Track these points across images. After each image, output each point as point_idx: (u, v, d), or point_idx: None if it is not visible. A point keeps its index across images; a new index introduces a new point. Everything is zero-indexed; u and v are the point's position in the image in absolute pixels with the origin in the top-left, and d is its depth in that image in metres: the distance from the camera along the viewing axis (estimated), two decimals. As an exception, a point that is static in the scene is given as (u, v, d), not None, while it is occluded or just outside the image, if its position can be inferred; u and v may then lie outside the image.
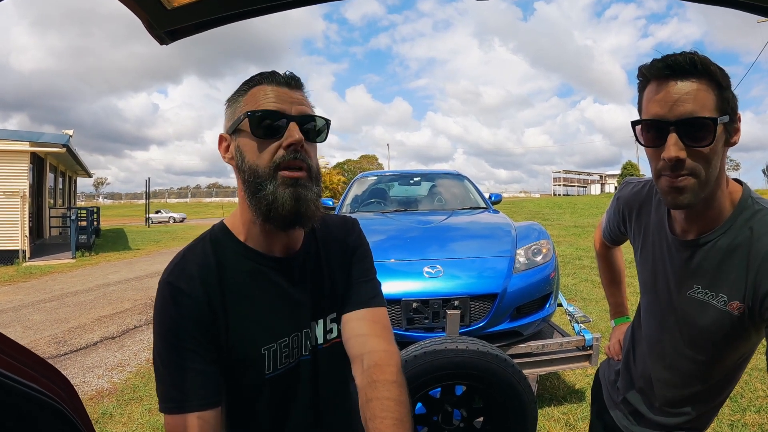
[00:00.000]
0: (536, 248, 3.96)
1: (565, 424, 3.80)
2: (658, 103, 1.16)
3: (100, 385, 4.85)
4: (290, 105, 1.11)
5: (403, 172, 7.02)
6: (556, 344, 3.67)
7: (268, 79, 1.13)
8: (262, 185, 1.08)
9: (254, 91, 1.12)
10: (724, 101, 1.14)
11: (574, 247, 13.79)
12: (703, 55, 1.14)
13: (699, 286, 1.31)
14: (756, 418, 3.78)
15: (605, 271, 2.00)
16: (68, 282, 10.99)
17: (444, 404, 2.37)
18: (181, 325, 1.06)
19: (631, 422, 1.64)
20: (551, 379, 4.61)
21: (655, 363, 1.52)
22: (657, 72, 1.16)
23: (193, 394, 1.03)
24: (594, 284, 9.01)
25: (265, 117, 1.09)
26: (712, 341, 1.33)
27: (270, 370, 1.14)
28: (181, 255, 1.15)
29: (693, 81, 1.13)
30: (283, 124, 1.09)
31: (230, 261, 1.14)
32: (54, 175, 21.32)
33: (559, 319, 5.32)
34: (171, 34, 1.39)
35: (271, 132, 1.09)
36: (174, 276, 1.10)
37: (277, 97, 1.10)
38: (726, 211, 1.25)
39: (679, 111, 1.13)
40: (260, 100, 1.10)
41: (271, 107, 1.09)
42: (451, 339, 2.38)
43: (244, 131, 1.11)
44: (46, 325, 7.10)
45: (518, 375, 2.29)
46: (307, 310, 1.21)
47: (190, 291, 1.08)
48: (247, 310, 1.13)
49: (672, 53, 1.16)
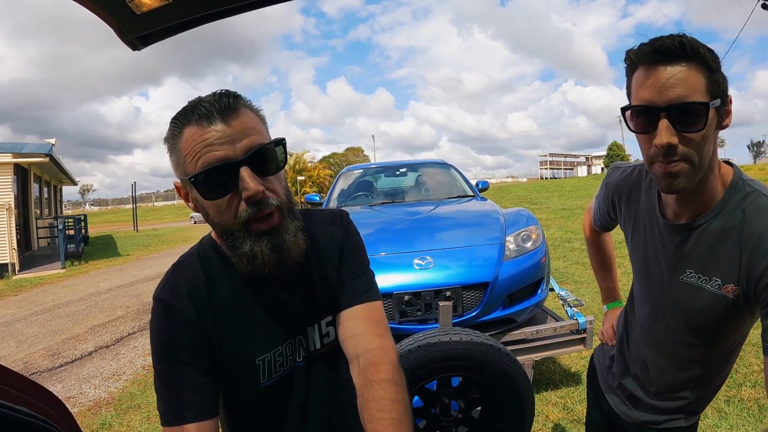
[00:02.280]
0: (525, 234, 3.96)
1: (563, 408, 3.83)
2: (647, 89, 1.14)
3: (97, 396, 4.83)
4: (232, 145, 0.98)
5: (389, 163, 7.01)
6: (550, 329, 3.68)
7: (202, 118, 0.98)
8: (237, 242, 1.04)
9: (188, 134, 1.00)
10: (714, 84, 1.12)
11: (563, 230, 13.84)
12: (691, 38, 1.12)
13: (692, 270, 1.30)
14: (752, 392, 3.81)
15: (596, 257, 2.00)
16: (59, 293, 10.90)
17: (441, 396, 2.37)
18: (175, 340, 1.06)
19: (628, 407, 1.65)
20: (547, 364, 4.64)
21: (649, 349, 1.52)
22: (645, 57, 1.14)
23: (189, 405, 1.03)
24: (585, 266, 9.05)
25: (210, 176, 0.98)
26: (707, 325, 1.33)
27: (265, 379, 1.14)
28: (171, 271, 1.14)
29: (682, 65, 1.11)
30: (233, 174, 0.98)
31: (219, 275, 1.13)
32: (39, 185, 21.13)
33: (552, 303, 5.35)
34: (142, 39, 1.38)
35: (224, 188, 0.99)
36: (165, 293, 1.10)
37: (216, 140, 0.97)
38: (718, 194, 1.24)
39: (670, 96, 1.11)
40: (197, 151, 0.98)
41: (212, 160, 0.97)
42: (444, 331, 2.38)
43: (196, 191, 1.02)
44: (40, 338, 7.04)
45: (513, 363, 2.29)
46: (300, 316, 1.19)
47: (180, 307, 1.08)
48: (239, 323, 1.12)
49: (660, 36, 1.14)
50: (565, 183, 35.81)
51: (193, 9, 1.28)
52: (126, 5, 1.20)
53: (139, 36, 1.34)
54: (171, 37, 1.43)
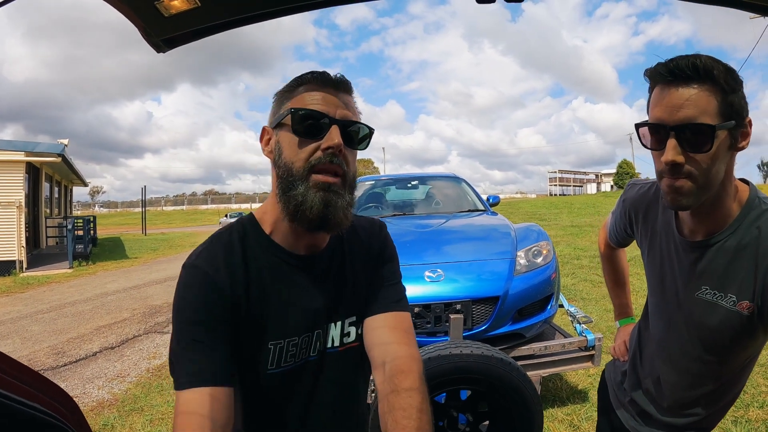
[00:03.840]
0: (536, 250, 3.95)
1: (569, 425, 3.79)
2: (660, 108, 1.17)
3: (100, 396, 4.82)
4: (335, 108, 1.11)
5: (401, 176, 7.01)
6: (559, 345, 3.66)
7: (317, 80, 1.13)
8: (293, 184, 1.09)
9: (302, 89, 1.13)
10: (727, 106, 1.14)
11: (572, 246, 13.80)
12: (707, 59, 1.13)
13: (707, 287, 1.31)
14: (759, 413, 3.78)
15: (610, 273, 1.99)
16: (66, 292, 10.95)
17: (449, 409, 2.35)
18: (205, 305, 1.05)
19: (638, 423, 1.64)
20: (554, 381, 4.61)
21: (663, 364, 1.51)
22: (660, 77, 1.17)
23: (209, 370, 1.02)
24: (593, 283, 9.02)
25: (308, 116, 1.09)
26: (721, 342, 1.33)
27: (273, 366, 1.12)
28: (209, 241, 1.14)
29: (694, 86, 1.13)
30: (325, 125, 1.09)
31: (254, 253, 1.14)
32: (50, 185, 21.29)
33: (561, 320, 5.32)
34: (168, 42, 1.39)
35: (312, 132, 1.09)
36: (201, 260, 1.09)
37: (324, 99, 1.11)
38: (733, 212, 1.26)
39: (679, 116, 1.14)
40: (306, 99, 1.11)
41: (316, 107, 1.09)
42: (455, 344, 2.37)
43: (286, 126, 1.11)
44: (45, 336, 7.06)
45: (523, 378, 2.28)
46: (323, 311, 1.19)
47: (215, 274, 1.07)
48: (263, 303, 1.12)
49: (675, 57, 1.16)
50: (575, 200, 35.75)
51: (220, 14, 1.29)
52: (155, 7, 1.20)
53: (166, 38, 1.34)
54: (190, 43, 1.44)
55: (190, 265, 1.09)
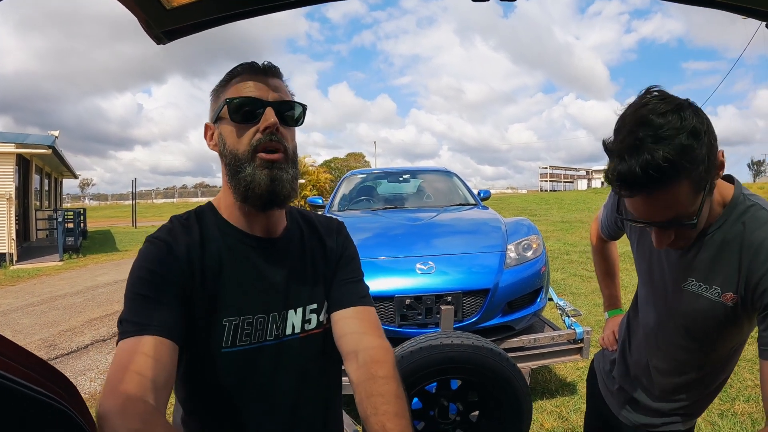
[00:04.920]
0: (526, 243, 4.00)
1: (558, 417, 3.84)
2: (636, 212, 1.21)
3: (92, 389, 4.83)
4: (267, 92, 1.18)
5: (392, 169, 7.04)
6: (548, 338, 3.71)
7: (247, 70, 1.20)
8: (241, 167, 1.15)
9: (234, 81, 1.20)
10: (698, 178, 1.12)
11: (561, 242, 13.87)
12: (663, 149, 1.06)
13: (693, 279, 1.36)
14: (745, 407, 3.85)
15: (601, 265, 2.04)
16: (57, 285, 10.88)
17: (440, 399, 2.39)
18: (162, 267, 1.10)
19: (627, 410, 1.69)
20: (543, 373, 4.65)
21: (651, 352, 1.57)
22: (623, 193, 1.17)
23: (156, 321, 1.04)
24: (582, 278, 9.08)
25: (243, 104, 1.16)
26: (707, 331, 1.39)
27: (227, 344, 1.14)
28: (169, 221, 1.21)
29: (660, 191, 1.12)
30: (260, 109, 1.16)
31: (212, 233, 1.20)
32: (40, 177, 21.10)
33: (550, 313, 5.37)
34: (169, 34, 1.41)
35: (249, 117, 1.16)
36: (161, 233, 1.16)
37: (255, 86, 1.18)
38: (719, 209, 1.30)
39: (659, 218, 1.17)
40: (240, 89, 1.18)
41: (249, 94, 1.16)
42: (446, 334, 2.41)
43: (225, 118, 1.18)
44: (36, 329, 7.04)
45: (513, 369, 2.32)
46: (280, 294, 1.21)
47: (175, 246, 1.14)
48: (218, 280, 1.16)
49: (625, 167, 1.09)
50: (565, 196, 35.84)
51: (223, 7, 1.31)
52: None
53: (167, 30, 1.36)
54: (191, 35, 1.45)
55: (150, 237, 1.16)
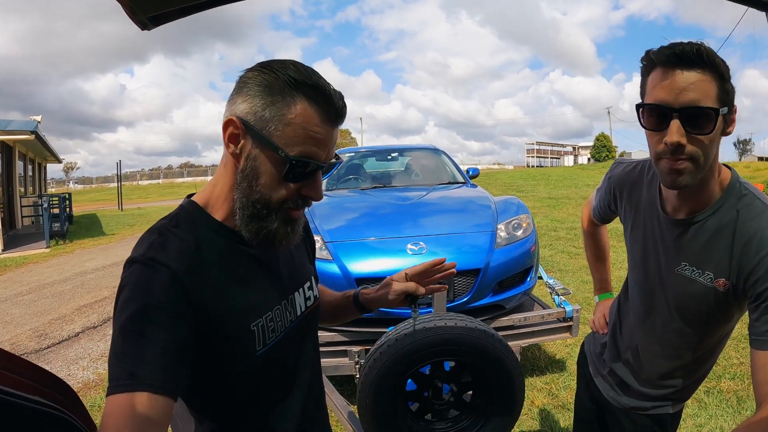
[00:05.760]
0: (516, 223, 4.02)
1: (548, 394, 3.91)
2: (663, 90, 1.21)
3: (85, 377, 4.84)
4: (327, 150, 1.04)
5: (380, 147, 7.03)
6: (538, 316, 3.76)
7: (323, 107, 1.01)
8: (265, 216, 1.06)
9: (303, 107, 1.00)
10: (724, 93, 1.20)
11: (549, 218, 13.94)
12: (708, 47, 1.18)
13: (687, 263, 1.38)
14: (731, 384, 3.93)
15: (592, 249, 2.06)
16: (45, 272, 10.81)
17: (434, 380, 2.42)
18: (160, 297, 0.94)
19: (617, 393, 1.71)
20: (533, 351, 4.72)
21: (642, 335, 1.59)
22: (665, 59, 1.21)
23: (152, 372, 0.88)
24: (570, 255, 9.16)
25: (302, 165, 1.02)
26: (698, 315, 1.41)
27: (260, 346, 1.09)
28: (157, 232, 1.04)
29: (698, 71, 1.18)
30: (315, 171, 1.05)
31: (206, 238, 1.07)
32: (23, 163, 20.82)
33: (540, 291, 5.42)
34: (154, 19, 1.38)
35: (299, 177, 1.04)
36: (153, 250, 0.98)
37: (323, 138, 1.02)
38: (715, 194, 1.32)
39: (684, 99, 1.18)
40: (302, 134, 1.00)
41: (310, 154, 1.02)
42: (440, 316, 2.42)
43: (272, 156, 1.01)
44: (26, 319, 7.01)
45: (506, 349, 2.34)
46: (284, 280, 1.22)
47: (173, 265, 0.97)
48: (230, 287, 1.07)
49: (680, 42, 1.20)
50: (552, 172, 35.96)
51: None
52: None
53: (152, 16, 1.33)
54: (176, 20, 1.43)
55: (142, 257, 0.98)
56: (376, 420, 2.29)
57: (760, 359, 1.18)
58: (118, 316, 0.93)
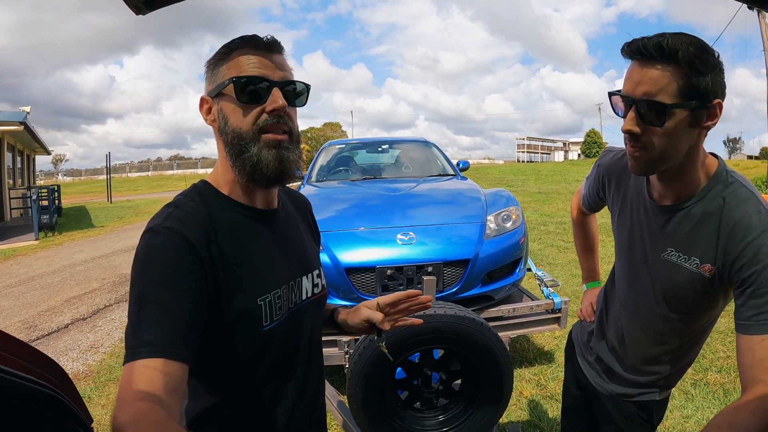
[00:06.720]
0: (506, 214, 4.04)
1: (536, 384, 3.94)
2: (627, 81, 1.28)
3: (75, 369, 4.82)
4: (273, 70, 1.14)
5: (371, 140, 7.03)
6: (527, 308, 3.78)
7: (250, 44, 1.14)
8: (245, 147, 1.12)
9: (236, 55, 1.14)
10: (689, 87, 1.21)
11: (539, 213, 14.01)
12: (675, 40, 1.20)
13: (673, 249, 1.41)
14: (717, 377, 3.99)
15: (581, 238, 2.08)
16: (33, 265, 10.73)
17: (423, 368, 2.44)
18: (178, 264, 0.99)
19: (604, 380, 1.74)
20: (521, 342, 4.76)
21: (629, 322, 1.61)
22: (629, 54, 1.27)
23: (170, 339, 0.92)
24: (560, 249, 9.21)
25: (250, 83, 1.11)
26: (684, 301, 1.43)
27: (267, 322, 1.13)
28: (173, 205, 1.10)
29: (657, 66, 1.22)
30: (266, 88, 1.12)
31: (218, 211, 1.13)
32: (12, 155, 20.66)
33: (529, 283, 5.46)
34: (148, 3, 1.38)
35: (255, 97, 1.12)
36: (171, 221, 1.04)
37: (260, 63, 1.13)
38: (701, 182, 1.35)
39: (638, 92, 1.25)
40: (243, 65, 1.12)
41: (255, 73, 1.12)
42: (429, 305, 2.44)
43: (228, 96, 1.13)
44: (15, 311, 6.96)
45: (495, 338, 2.37)
46: (293, 262, 1.25)
47: (190, 234, 1.03)
48: (240, 259, 1.11)
49: (644, 37, 1.24)
50: (542, 167, 36.09)
51: None
52: None
53: (147, 0, 1.34)
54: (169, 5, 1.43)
55: (159, 226, 1.03)
56: (366, 409, 2.31)
57: (745, 344, 1.20)
58: (136, 284, 0.98)
